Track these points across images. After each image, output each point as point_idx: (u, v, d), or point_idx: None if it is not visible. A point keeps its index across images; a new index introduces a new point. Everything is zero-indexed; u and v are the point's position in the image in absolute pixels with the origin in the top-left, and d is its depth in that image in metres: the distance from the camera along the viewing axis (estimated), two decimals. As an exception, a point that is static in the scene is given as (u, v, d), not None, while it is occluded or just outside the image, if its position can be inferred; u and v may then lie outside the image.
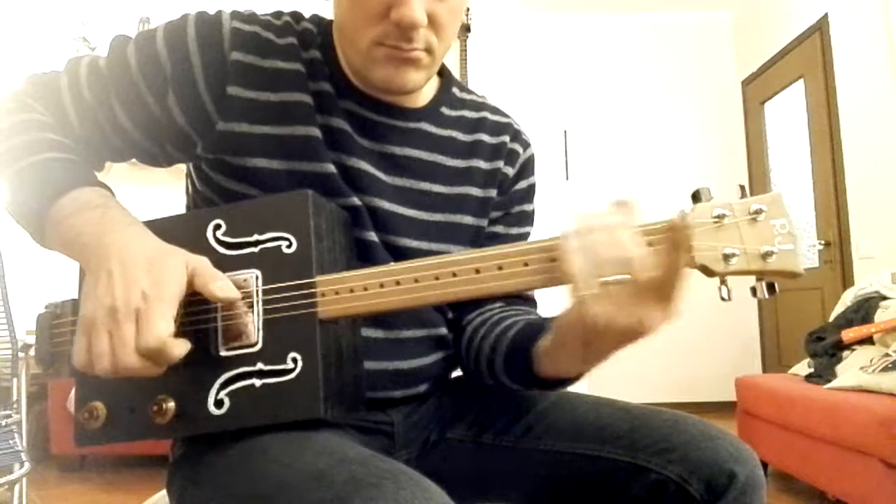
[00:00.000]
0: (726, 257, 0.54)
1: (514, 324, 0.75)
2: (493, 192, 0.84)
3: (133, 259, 0.58)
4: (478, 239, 0.83)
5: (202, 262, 0.61)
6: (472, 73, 3.45)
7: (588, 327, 0.56)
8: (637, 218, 0.55)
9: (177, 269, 0.59)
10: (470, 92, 0.89)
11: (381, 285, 0.61)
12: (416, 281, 0.60)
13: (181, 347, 0.58)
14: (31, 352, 2.25)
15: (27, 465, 1.59)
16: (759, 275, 0.55)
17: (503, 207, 0.86)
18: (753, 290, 0.56)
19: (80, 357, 0.57)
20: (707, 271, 0.55)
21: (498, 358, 0.74)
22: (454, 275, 0.59)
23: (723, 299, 0.55)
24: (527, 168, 0.88)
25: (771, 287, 0.55)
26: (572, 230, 0.56)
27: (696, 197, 0.56)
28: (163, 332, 0.56)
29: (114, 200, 0.67)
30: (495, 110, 0.89)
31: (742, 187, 0.57)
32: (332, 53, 0.77)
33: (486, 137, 0.84)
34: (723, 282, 0.55)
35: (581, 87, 4.65)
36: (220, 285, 0.61)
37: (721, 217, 0.54)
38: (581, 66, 4.67)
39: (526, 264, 0.58)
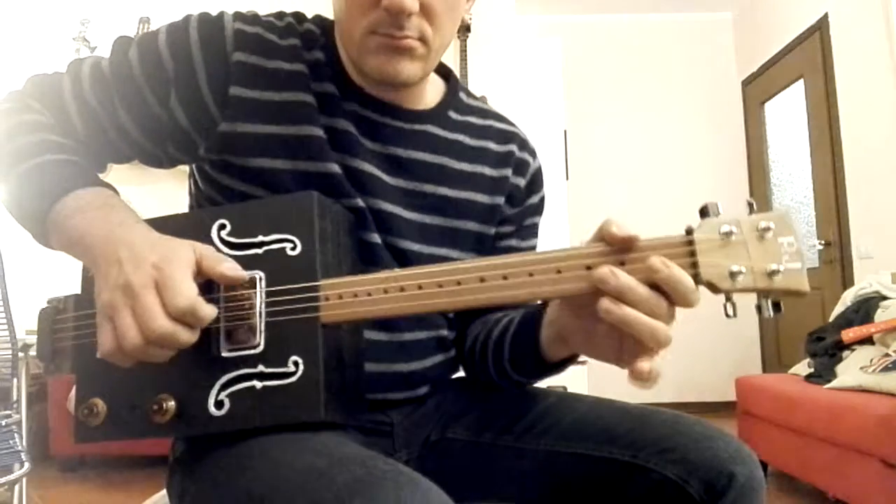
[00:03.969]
0: (733, 275, 0.53)
1: (517, 315, 0.76)
2: (500, 200, 0.83)
3: (139, 245, 0.58)
4: (481, 246, 0.82)
5: (209, 248, 0.61)
6: (472, 73, 3.44)
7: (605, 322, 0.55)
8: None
9: (185, 249, 0.59)
10: (476, 98, 0.89)
11: (385, 291, 0.60)
12: (420, 288, 0.59)
13: (211, 309, 0.58)
14: (32, 352, 2.25)
15: (27, 465, 1.58)
16: (765, 293, 0.54)
17: (517, 220, 0.86)
18: (759, 308, 0.55)
19: (106, 343, 0.56)
20: (713, 288, 0.54)
21: (506, 339, 0.75)
22: (458, 283, 0.58)
23: (727, 315, 0.54)
24: (537, 180, 0.89)
25: (776, 305, 0.54)
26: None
27: (703, 212, 0.55)
28: (190, 290, 0.56)
29: (116, 199, 0.66)
30: (500, 118, 0.89)
31: (750, 204, 0.56)
32: (335, 54, 0.76)
33: (492, 145, 0.84)
34: (728, 298, 0.55)
35: (581, 88, 4.65)
36: (229, 266, 0.60)
37: (728, 234, 0.53)
38: (581, 66, 4.67)
39: (531, 274, 0.57)
